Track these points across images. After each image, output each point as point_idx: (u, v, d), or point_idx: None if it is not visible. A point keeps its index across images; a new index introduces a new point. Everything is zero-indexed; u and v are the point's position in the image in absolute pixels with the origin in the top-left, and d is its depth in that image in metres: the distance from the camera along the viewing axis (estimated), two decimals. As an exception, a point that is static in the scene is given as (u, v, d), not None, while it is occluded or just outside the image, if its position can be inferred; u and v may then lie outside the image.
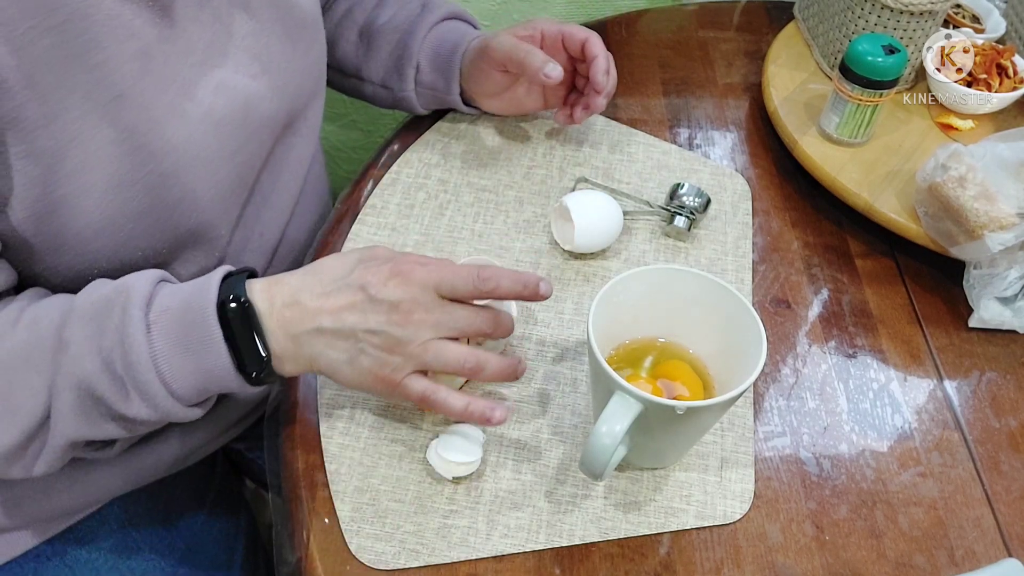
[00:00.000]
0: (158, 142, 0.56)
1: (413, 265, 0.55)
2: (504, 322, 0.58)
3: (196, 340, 0.52)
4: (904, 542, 0.59)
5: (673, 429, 0.55)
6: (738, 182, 0.82)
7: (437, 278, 0.55)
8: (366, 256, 0.56)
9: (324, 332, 0.54)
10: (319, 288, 0.55)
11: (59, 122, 0.51)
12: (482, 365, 0.56)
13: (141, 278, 0.54)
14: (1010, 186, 0.68)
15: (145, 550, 0.71)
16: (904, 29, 0.82)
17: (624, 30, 1.00)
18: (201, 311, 0.52)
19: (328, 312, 0.54)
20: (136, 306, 0.51)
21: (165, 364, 0.52)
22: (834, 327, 0.71)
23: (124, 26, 0.53)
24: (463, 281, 0.55)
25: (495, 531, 0.57)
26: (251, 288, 0.54)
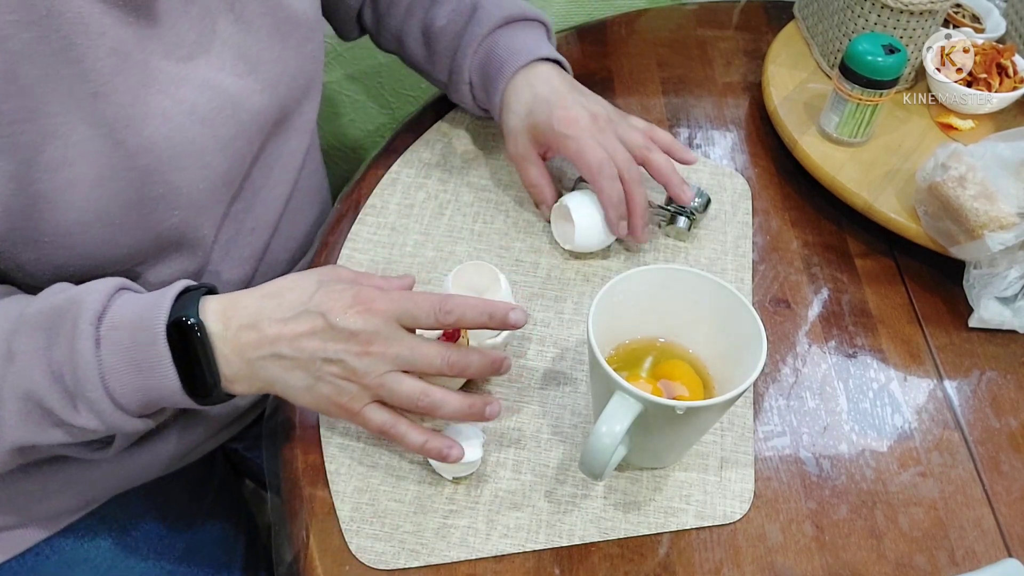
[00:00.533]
0: (136, 139, 0.55)
1: (374, 293, 0.54)
2: (473, 363, 0.56)
3: (144, 359, 0.51)
4: (904, 542, 0.59)
5: (673, 429, 0.55)
6: (738, 182, 0.82)
7: (398, 309, 0.54)
8: (327, 278, 0.55)
9: (282, 358, 0.53)
10: (278, 313, 0.53)
11: (39, 117, 0.51)
12: (436, 404, 0.55)
13: (96, 289, 0.53)
14: (1010, 186, 0.68)
15: (144, 549, 0.71)
16: (904, 29, 0.82)
17: (623, 30, 1.00)
18: (150, 330, 0.51)
19: (287, 339, 0.53)
20: (86, 320, 0.51)
21: (114, 381, 0.51)
22: (834, 327, 0.71)
23: (94, 24, 0.53)
24: (424, 313, 0.54)
25: (495, 531, 0.57)
26: (205, 308, 0.53)
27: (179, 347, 0.52)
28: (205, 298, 0.54)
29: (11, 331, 0.52)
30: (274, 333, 0.53)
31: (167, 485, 0.74)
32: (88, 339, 0.50)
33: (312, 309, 0.53)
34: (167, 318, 0.52)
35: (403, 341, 0.54)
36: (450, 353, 0.55)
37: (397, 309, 0.53)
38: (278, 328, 0.53)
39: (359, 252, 0.73)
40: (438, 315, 0.54)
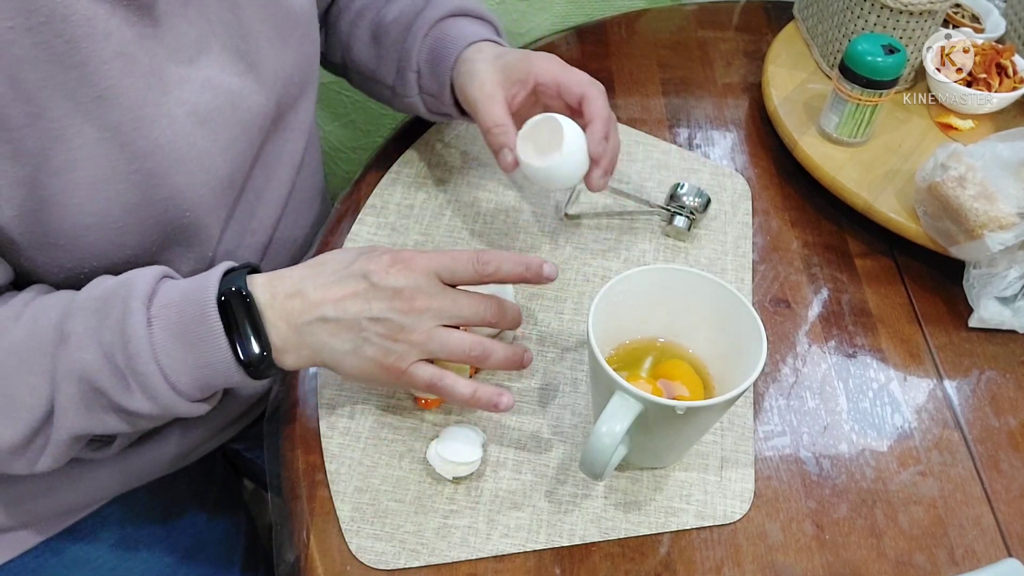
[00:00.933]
0: (142, 141, 0.56)
1: (412, 252, 0.55)
2: (510, 312, 0.58)
3: (196, 334, 0.52)
4: (904, 541, 0.59)
5: (673, 429, 0.55)
6: (738, 182, 0.82)
7: (437, 264, 0.55)
8: (367, 249, 0.57)
9: (328, 321, 0.54)
10: (322, 279, 0.55)
11: (43, 121, 0.51)
12: (487, 353, 0.56)
13: (144, 273, 0.54)
14: (1010, 186, 0.68)
15: (145, 550, 0.71)
16: (904, 29, 0.82)
17: (624, 30, 1.00)
18: (201, 304, 0.52)
19: (331, 301, 0.54)
20: (137, 299, 0.51)
21: (166, 358, 0.52)
22: (834, 327, 0.71)
23: (100, 26, 0.53)
24: (463, 265, 0.55)
25: (495, 531, 0.57)
26: (252, 282, 0.55)
27: (229, 320, 0.53)
28: (251, 275, 0.55)
29: (63, 315, 0.52)
30: (319, 297, 0.54)
31: (168, 486, 0.74)
32: (140, 317, 0.51)
33: (355, 272, 0.54)
34: (217, 292, 0.53)
35: (446, 295, 0.55)
36: (491, 304, 0.56)
37: (436, 264, 0.55)
38: (322, 292, 0.54)
39: (359, 252, 0.73)
40: (476, 266, 0.55)
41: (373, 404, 0.63)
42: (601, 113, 0.65)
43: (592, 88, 0.66)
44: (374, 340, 0.54)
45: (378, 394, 0.64)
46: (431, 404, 0.63)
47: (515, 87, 0.67)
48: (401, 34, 0.74)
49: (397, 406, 0.63)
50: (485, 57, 0.69)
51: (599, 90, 0.66)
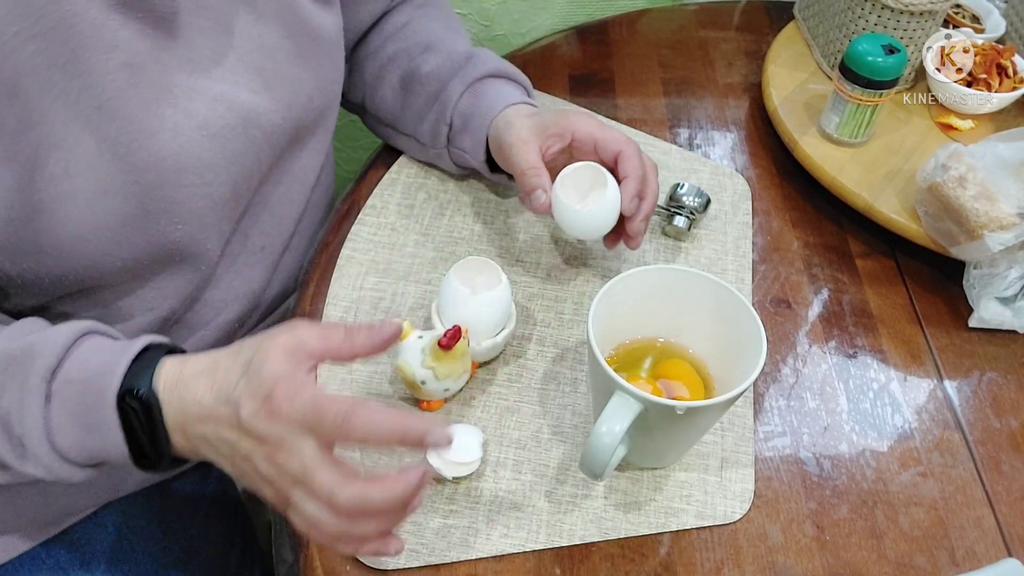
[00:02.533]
0: (142, 153, 0.55)
1: (284, 394, 0.47)
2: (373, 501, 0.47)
3: (93, 422, 0.50)
4: (905, 542, 0.59)
5: (673, 429, 0.55)
6: (738, 182, 0.82)
7: (302, 418, 0.47)
8: (258, 360, 0.48)
9: (208, 442, 0.50)
10: (207, 396, 0.50)
11: (41, 128, 0.51)
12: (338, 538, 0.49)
13: (55, 340, 0.50)
14: (1010, 186, 0.68)
15: (140, 554, 0.71)
16: (904, 29, 0.82)
17: (624, 30, 1.00)
18: (102, 394, 0.49)
19: (210, 424, 0.50)
20: (38, 375, 0.49)
21: (60, 436, 0.50)
22: (834, 327, 0.71)
23: (108, 37, 0.52)
24: (329, 423, 0.47)
25: (495, 531, 0.57)
26: (158, 374, 0.50)
27: (130, 416, 0.50)
28: (162, 362, 0.51)
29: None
30: (198, 415, 0.50)
31: (164, 488, 0.74)
32: (38, 395, 0.49)
33: (232, 398, 0.48)
34: (120, 383, 0.49)
35: (305, 459, 0.47)
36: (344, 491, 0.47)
37: (301, 418, 0.47)
38: (200, 411, 0.50)
39: (359, 252, 0.73)
40: (341, 427, 0.46)
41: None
42: (636, 172, 0.66)
43: (629, 146, 0.66)
44: (248, 472, 0.50)
45: (378, 394, 0.64)
46: (432, 406, 0.63)
47: (551, 139, 0.67)
48: (437, 88, 0.74)
49: (397, 406, 0.63)
50: (522, 113, 0.70)
51: (635, 148, 0.67)
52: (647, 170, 0.67)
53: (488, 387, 0.65)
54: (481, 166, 0.74)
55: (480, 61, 0.74)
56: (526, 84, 0.76)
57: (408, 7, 0.81)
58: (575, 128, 0.67)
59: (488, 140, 0.71)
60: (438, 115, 0.73)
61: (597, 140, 0.66)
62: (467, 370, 0.61)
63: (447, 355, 0.58)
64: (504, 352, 0.66)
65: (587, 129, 0.67)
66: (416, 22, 0.79)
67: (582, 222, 0.65)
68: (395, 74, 0.76)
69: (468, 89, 0.73)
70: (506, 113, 0.70)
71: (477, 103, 0.72)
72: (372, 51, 0.79)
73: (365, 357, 0.50)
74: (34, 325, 0.54)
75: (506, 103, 0.71)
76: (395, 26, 0.79)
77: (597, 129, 0.67)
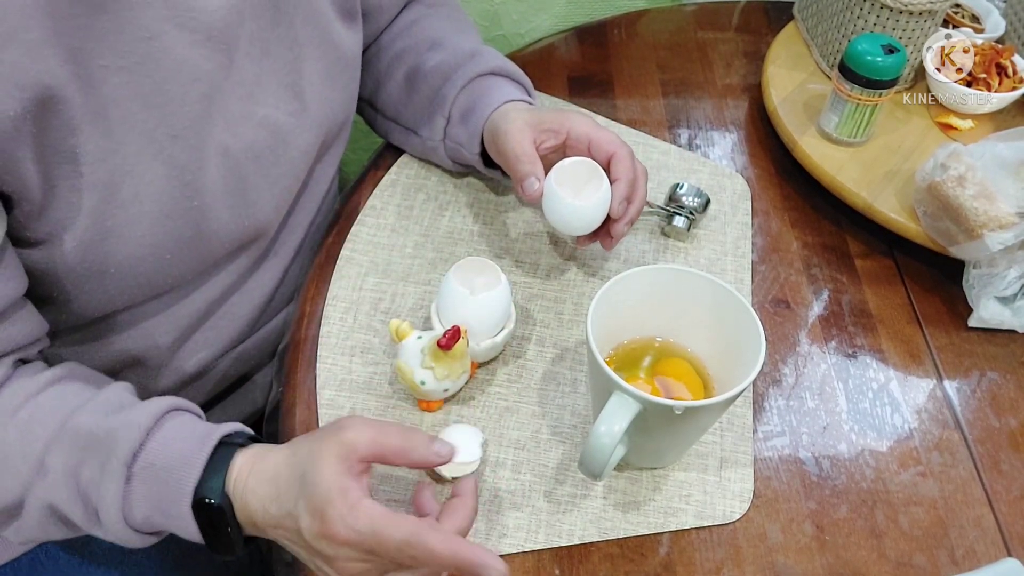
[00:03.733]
0: (204, 179, 0.58)
1: (338, 524, 0.47)
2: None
3: (171, 512, 0.51)
4: (904, 542, 0.59)
5: (672, 429, 0.55)
6: (737, 182, 0.82)
7: (359, 542, 0.48)
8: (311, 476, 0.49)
9: (282, 541, 0.53)
10: (273, 508, 0.50)
11: (117, 156, 0.53)
12: None
13: (136, 420, 0.51)
14: (1009, 185, 0.68)
15: (139, 555, 0.71)
16: (903, 29, 0.82)
17: (624, 31, 1.00)
18: (179, 486, 0.50)
19: (279, 532, 0.51)
20: (119, 459, 0.50)
21: (137, 513, 0.51)
22: (833, 327, 0.71)
23: (191, 71, 0.55)
24: (385, 551, 0.48)
25: (494, 531, 0.57)
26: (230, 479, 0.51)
27: (203, 515, 0.51)
28: (233, 462, 0.52)
29: (49, 442, 0.51)
30: (266, 524, 0.51)
31: None
32: (118, 478, 0.50)
33: (293, 514, 0.49)
34: (197, 481, 0.50)
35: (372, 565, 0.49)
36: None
37: (359, 541, 0.48)
38: (267, 520, 0.51)
39: (359, 253, 0.73)
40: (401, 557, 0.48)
41: (373, 404, 0.63)
42: (627, 175, 0.66)
43: (623, 149, 0.66)
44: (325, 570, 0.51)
45: (378, 395, 0.64)
46: (432, 406, 0.63)
47: (546, 134, 0.67)
48: (438, 82, 0.74)
49: (397, 407, 0.63)
50: (519, 109, 0.70)
51: (628, 152, 0.67)
52: (638, 175, 0.67)
53: (487, 387, 0.65)
54: (475, 159, 0.74)
55: (483, 59, 0.74)
56: (527, 85, 0.77)
57: (419, 6, 0.81)
58: (571, 126, 0.67)
59: (483, 134, 0.72)
60: (437, 108, 0.74)
61: (592, 140, 0.66)
62: (466, 370, 0.61)
63: (446, 355, 0.58)
64: (503, 352, 0.66)
65: (583, 128, 0.67)
66: (425, 20, 0.80)
67: (572, 216, 0.65)
68: (401, 70, 0.77)
69: (468, 84, 0.73)
70: (503, 108, 0.71)
71: (476, 98, 0.72)
72: (382, 47, 0.80)
73: (418, 468, 0.53)
74: (120, 398, 0.54)
75: (504, 99, 0.71)
76: (404, 23, 0.80)
77: (593, 129, 0.67)
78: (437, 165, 0.80)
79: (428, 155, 0.78)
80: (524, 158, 0.66)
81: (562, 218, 0.65)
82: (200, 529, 0.51)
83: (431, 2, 0.82)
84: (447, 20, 0.80)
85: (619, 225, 0.66)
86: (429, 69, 0.75)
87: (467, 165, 0.76)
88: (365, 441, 0.49)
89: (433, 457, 0.51)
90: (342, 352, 0.66)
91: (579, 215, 0.65)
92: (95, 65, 0.50)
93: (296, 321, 0.69)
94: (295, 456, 0.51)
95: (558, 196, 0.64)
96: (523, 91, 0.75)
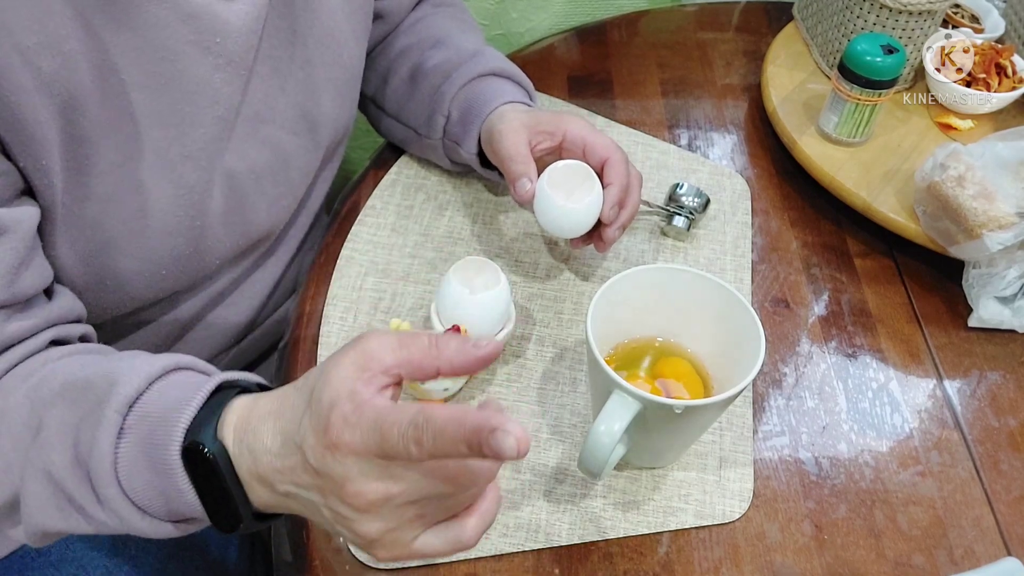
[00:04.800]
0: (208, 201, 0.58)
1: (341, 427, 0.39)
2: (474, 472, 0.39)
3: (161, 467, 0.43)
4: (903, 541, 0.59)
5: (671, 428, 0.55)
6: (737, 182, 0.82)
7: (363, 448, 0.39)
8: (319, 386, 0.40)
9: (288, 496, 0.43)
10: (276, 443, 0.42)
11: (126, 170, 0.53)
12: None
13: (141, 367, 0.45)
14: (1009, 185, 0.68)
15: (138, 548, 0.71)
16: (903, 29, 0.82)
17: (624, 31, 1.00)
18: (164, 445, 0.43)
19: (288, 478, 0.42)
20: (112, 407, 0.44)
21: (134, 479, 0.44)
22: (833, 327, 0.71)
23: (211, 94, 0.55)
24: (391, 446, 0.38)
25: (494, 530, 0.57)
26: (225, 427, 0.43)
27: (201, 476, 0.43)
28: (230, 406, 0.44)
29: (50, 400, 0.46)
30: (273, 469, 0.42)
31: None
32: (111, 428, 0.43)
33: (297, 439, 0.41)
34: (186, 426, 0.43)
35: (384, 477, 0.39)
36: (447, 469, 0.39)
37: (363, 447, 0.39)
38: (273, 463, 0.42)
39: (359, 253, 0.73)
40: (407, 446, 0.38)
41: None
42: (621, 180, 0.65)
43: (617, 153, 0.66)
44: (332, 521, 0.42)
45: (377, 394, 0.64)
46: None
47: (541, 135, 0.67)
48: (439, 80, 0.74)
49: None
50: (517, 110, 0.70)
51: (623, 157, 0.66)
52: (632, 180, 0.67)
53: (487, 387, 0.65)
54: (472, 159, 0.74)
55: (484, 59, 0.74)
56: (528, 86, 0.77)
57: (426, 5, 0.82)
58: (567, 128, 0.67)
59: (481, 134, 0.72)
60: (437, 106, 0.74)
61: (587, 144, 0.66)
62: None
63: (446, 355, 0.58)
64: (503, 352, 0.67)
65: (578, 131, 0.67)
66: (429, 19, 0.80)
67: (563, 218, 0.65)
68: (405, 67, 0.77)
69: (469, 83, 0.73)
70: (502, 108, 0.71)
71: (475, 97, 0.72)
72: (386, 46, 0.80)
73: (455, 375, 0.41)
74: (135, 353, 0.49)
75: (503, 100, 0.72)
76: (410, 22, 0.80)
77: (589, 133, 0.67)
78: (437, 165, 0.80)
79: (427, 154, 0.78)
80: (518, 158, 0.65)
81: (552, 220, 0.65)
82: (197, 491, 0.43)
83: (437, 1, 0.82)
84: (451, 20, 0.80)
85: (610, 230, 0.66)
86: (430, 67, 0.75)
87: (465, 165, 0.76)
88: (388, 346, 0.41)
89: (473, 354, 0.40)
90: (342, 351, 0.66)
91: (569, 218, 0.65)
92: (121, 80, 0.51)
93: (296, 320, 0.69)
94: (306, 378, 0.42)
95: (549, 198, 0.64)
96: (523, 93, 0.75)
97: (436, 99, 0.74)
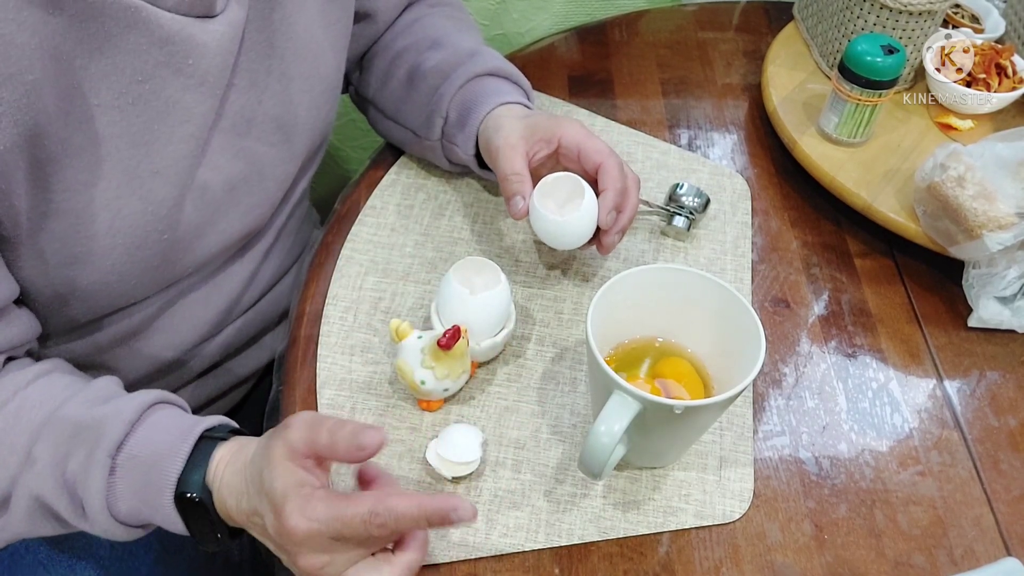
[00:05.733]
0: (178, 215, 0.58)
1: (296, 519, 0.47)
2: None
3: (155, 503, 0.52)
4: (903, 541, 0.59)
5: (672, 428, 0.55)
6: (737, 182, 0.82)
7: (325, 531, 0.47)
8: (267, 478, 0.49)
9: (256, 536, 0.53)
10: (244, 504, 0.51)
11: (96, 189, 0.53)
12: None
13: (122, 413, 0.52)
14: (1009, 186, 0.68)
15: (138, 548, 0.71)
16: (903, 29, 0.82)
17: (624, 31, 1.00)
18: (162, 476, 0.51)
19: (254, 529, 0.52)
20: (103, 450, 0.51)
21: (121, 505, 0.52)
22: (833, 327, 0.71)
23: (182, 113, 0.55)
24: (352, 530, 0.47)
25: (494, 530, 0.57)
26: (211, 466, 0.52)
27: (185, 507, 0.52)
28: (213, 456, 0.53)
29: (37, 432, 0.52)
30: (240, 518, 0.52)
31: None
32: (103, 468, 0.51)
33: (259, 512, 0.50)
34: (179, 474, 0.51)
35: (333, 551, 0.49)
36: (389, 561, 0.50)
37: (324, 530, 0.47)
38: (240, 516, 0.52)
39: (359, 252, 0.73)
40: (368, 528, 0.47)
41: (373, 404, 0.63)
42: (616, 185, 0.65)
43: (611, 158, 0.66)
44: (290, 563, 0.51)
45: (378, 394, 0.64)
46: (432, 406, 0.63)
47: (538, 144, 0.67)
48: (437, 81, 0.74)
49: (398, 406, 0.63)
50: (514, 114, 0.70)
51: (617, 161, 0.66)
52: (628, 184, 0.67)
53: (487, 387, 0.65)
54: (470, 160, 0.73)
55: (482, 59, 0.74)
56: (526, 87, 0.76)
57: (421, 5, 0.81)
58: (562, 134, 0.67)
59: (478, 137, 0.72)
60: (435, 107, 0.74)
61: (582, 148, 0.66)
62: (466, 370, 0.61)
63: (446, 355, 0.58)
64: (503, 352, 0.67)
65: (574, 137, 0.66)
66: (427, 19, 0.80)
67: (557, 232, 0.65)
68: (403, 68, 0.77)
69: (466, 84, 0.73)
70: (498, 111, 0.71)
71: (473, 98, 0.72)
72: (383, 47, 0.80)
73: (346, 462, 0.50)
74: (108, 390, 0.55)
75: (500, 102, 0.71)
76: (406, 22, 0.80)
77: (584, 138, 0.66)
78: (437, 165, 0.80)
79: (426, 155, 0.78)
80: (513, 177, 0.66)
81: (549, 233, 0.65)
82: (184, 521, 0.52)
83: (433, 1, 0.82)
84: (449, 19, 0.80)
85: (609, 235, 0.66)
86: (429, 68, 0.75)
87: (464, 165, 0.76)
88: (302, 439, 0.48)
89: (356, 452, 0.47)
90: (342, 351, 0.66)
91: (564, 230, 0.65)
92: (88, 103, 0.51)
93: (296, 320, 0.69)
94: (255, 454, 0.51)
95: (540, 214, 0.65)
96: (521, 93, 0.75)
97: (434, 101, 0.74)
